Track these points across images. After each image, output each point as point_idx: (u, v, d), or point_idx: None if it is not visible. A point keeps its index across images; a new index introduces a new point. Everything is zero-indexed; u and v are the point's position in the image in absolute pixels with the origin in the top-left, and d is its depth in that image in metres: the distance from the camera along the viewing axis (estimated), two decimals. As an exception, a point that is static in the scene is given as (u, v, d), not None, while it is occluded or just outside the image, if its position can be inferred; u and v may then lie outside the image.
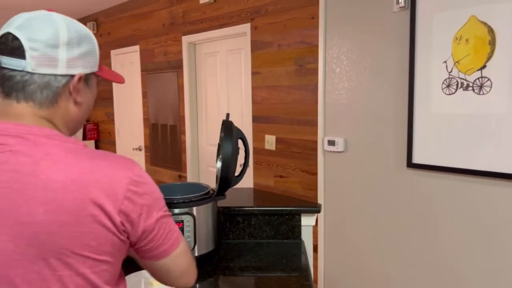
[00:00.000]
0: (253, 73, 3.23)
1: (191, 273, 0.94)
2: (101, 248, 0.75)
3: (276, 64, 3.03)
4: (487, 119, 1.98)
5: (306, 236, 1.74)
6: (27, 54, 0.76)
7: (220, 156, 1.49)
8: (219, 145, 1.53)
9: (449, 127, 2.12)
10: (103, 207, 0.74)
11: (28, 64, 0.76)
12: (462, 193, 2.11)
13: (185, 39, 3.84)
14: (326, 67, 2.68)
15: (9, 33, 0.77)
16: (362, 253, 2.60)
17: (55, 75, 0.79)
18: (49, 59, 0.78)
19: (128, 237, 0.80)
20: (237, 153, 1.51)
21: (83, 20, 5.48)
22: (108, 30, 5.06)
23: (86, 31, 0.85)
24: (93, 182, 0.74)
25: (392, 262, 2.45)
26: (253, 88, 3.24)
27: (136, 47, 4.56)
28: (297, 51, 2.87)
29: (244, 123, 3.37)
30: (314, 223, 1.75)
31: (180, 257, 0.89)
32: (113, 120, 5.21)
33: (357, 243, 2.62)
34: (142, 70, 4.53)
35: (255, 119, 3.25)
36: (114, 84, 5.09)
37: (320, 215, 2.79)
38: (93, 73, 0.88)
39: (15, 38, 0.76)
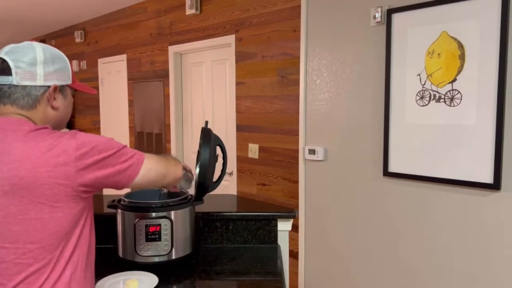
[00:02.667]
0: (237, 83, 3.29)
1: (172, 170, 1.23)
2: (56, 197, 0.97)
3: (259, 75, 3.11)
4: (458, 129, 2.07)
5: (282, 241, 1.79)
6: (13, 71, 1.03)
7: (199, 162, 1.54)
8: (198, 151, 1.59)
9: (422, 137, 2.20)
10: (57, 165, 0.96)
11: (14, 78, 1.03)
12: (434, 201, 2.19)
13: (172, 49, 3.91)
14: (307, 78, 2.76)
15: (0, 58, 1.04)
16: (342, 260, 2.65)
17: (35, 86, 1.05)
18: (30, 74, 1.04)
19: (84, 183, 1.00)
20: (215, 159, 1.57)
21: (71, 29, 5.52)
22: (96, 39, 5.11)
23: (58, 53, 1.11)
24: (46, 147, 0.97)
25: (370, 268, 2.51)
26: (237, 97, 3.31)
27: (123, 56, 4.61)
28: (280, 62, 2.95)
29: (228, 132, 3.43)
30: (290, 228, 1.80)
31: (152, 170, 1.13)
32: (99, 128, 5.23)
33: (336, 249, 2.68)
34: (128, 79, 4.58)
35: (239, 128, 3.31)
36: (101, 93, 5.12)
37: (301, 222, 2.85)
38: (67, 85, 1.13)
39: (4, 61, 1.03)
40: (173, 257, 1.52)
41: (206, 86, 3.71)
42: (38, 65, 1.05)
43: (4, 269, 0.95)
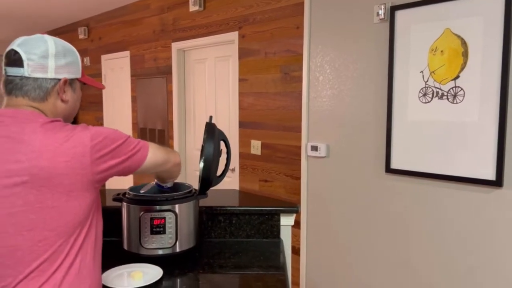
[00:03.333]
0: (240, 80, 3.31)
1: (172, 156, 1.30)
2: (73, 186, 1.00)
3: (262, 72, 3.12)
4: (461, 126, 2.08)
5: (285, 236, 1.81)
6: (25, 63, 1.04)
7: (203, 157, 1.56)
8: (202, 146, 1.60)
9: (425, 134, 2.21)
10: (74, 155, 0.99)
11: (26, 70, 1.04)
12: (437, 198, 2.20)
13: (175, 46, 3.92)
14: (310, 75, 2.77)
15: (12, 50, 1.05)
16: (343, 256, 2.67)
17: (45, 78, 1.07)
18: (41, 66, 1.05)
19: (98, 172, 1.04)
20: (219, 154, 1.58)
21: (75, 26, 5.53)
22: (99, 35, 5.12)
23: (70, 46, 1.13)
24: (63, 138, 1.00)
25: (372, 264, 2.52)
26: (240, 94, 3.32)
27: (127, 53, 4.62)
28: (283, 59, 2.96)
29: (231, 128, 3.44)
30: (292, 223, 1.82)
31: (157, 153, 1.19)
32: (102, 124, 5.25)
33: (338, 245, 2.69)
34: (132, 75, 4.59)
35: (242, 124, 3.33)
36: (104, 89, 5.13)
37: (303, 219, 2.86)
38: (77, 79, 1.15)
39: (16, 52, 1.04)
40: (177, 250, 1.53)
41: (209, 83, 3.72)
42: (49, 58, 1.06)
43: (20, 256, 0.97)
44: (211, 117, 1.65)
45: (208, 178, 1.55)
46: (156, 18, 4.15)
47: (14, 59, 1.04)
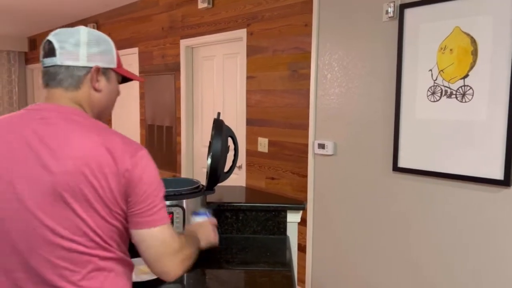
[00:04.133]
0: (248, 77, 3.31)
1: (171, 264, 1.04)
2: (105, 203, 0.98)
3: (270, 69, 3.12)
4: (469, 125, 2.07)
5: (291, 232, 1.81)
6: (57, 52, 1.04)
7: (211, 153, 1.57)
8: (210, 142, 1.61)
9: (433, 133, 2.20)
10: (111, 167, 0.97)
11: (58, 59, 1.04)
12: (444, 197, 2.19)
13: (183, 43, 3.93)
14: (318, 73, 2.77)
15: (47, 40, 1.06)
16: (349, 254, 2.67)
17: (77, 66, 1.05)
18: (73, 54, 1.05)
19: (125, 199, 1.00)
20: (227, 150, 1.59)
21: (84, 22, 5.57)
22: (108, 32, 5.15)
23: (105, 36, 1.13)
24: (110, 145, 0.98)
25: (378, 262, 2.52)
26: (248, 91, 3.32)
27: (135, 49, 4.65)
28: (291, 56, 2.96)
29: (238, 125, 3.45)
30: (299, 220, 1.82)
31: (163, 236, 1.03)
32: (110, 120, 5.28)
33: (344, 244, 2.69)
34: (140, 72, 4.61)
35: (249, 122, 3.33)
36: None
37: (309, 216, 2.87)
38: (112, 69, 1.13)
39: (50, 42, 1.05)
40: (185, 245, 1.54)
41: (217, 80, 3.73)
42: (81, 46, 1.05)
43: (76, 257, 0.98)
44: (219, 114, 1.66)
45: (216, 174, 1.56)
46: (164, 15, 4.17)
47: (48, 49, 1.04)
